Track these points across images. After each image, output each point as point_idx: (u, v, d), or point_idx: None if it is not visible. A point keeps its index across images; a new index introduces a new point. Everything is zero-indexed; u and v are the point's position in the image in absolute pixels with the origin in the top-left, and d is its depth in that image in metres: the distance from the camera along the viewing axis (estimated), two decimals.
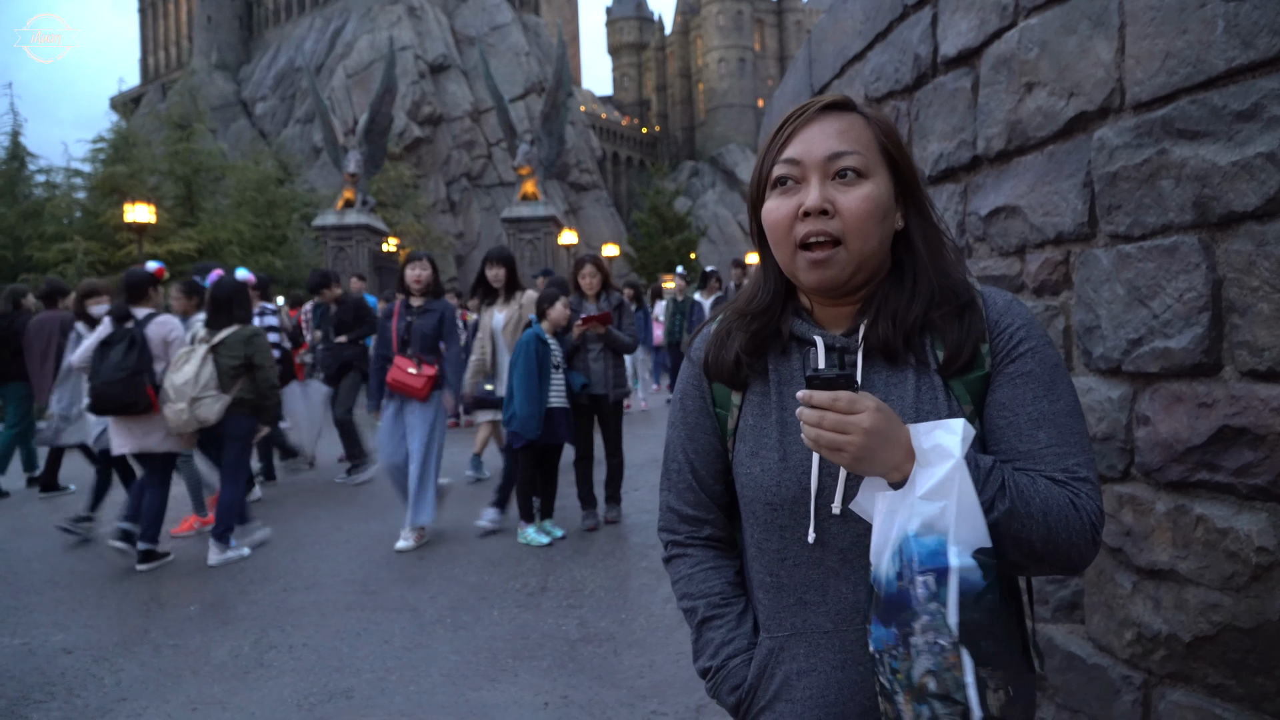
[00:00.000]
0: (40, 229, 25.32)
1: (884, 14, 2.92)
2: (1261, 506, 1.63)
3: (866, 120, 1.17)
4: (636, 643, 3.92)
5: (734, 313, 1.26)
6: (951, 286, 1.16)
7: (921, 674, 0.96)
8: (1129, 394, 1.93)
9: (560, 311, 5.67)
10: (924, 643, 0.96)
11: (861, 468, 1.02)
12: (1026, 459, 1.09)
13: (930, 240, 1.18)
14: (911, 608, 0.97)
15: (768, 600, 1.21)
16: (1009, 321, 1.14)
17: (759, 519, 1.19)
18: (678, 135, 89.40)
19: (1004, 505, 1.02)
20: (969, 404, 1.13)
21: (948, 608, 0.95)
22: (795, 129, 1.16)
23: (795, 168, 1.14)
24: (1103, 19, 1.93)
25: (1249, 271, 1.61)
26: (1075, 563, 1.07)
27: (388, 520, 6.36)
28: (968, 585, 0.95)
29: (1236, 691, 1.69)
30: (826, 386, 1.01)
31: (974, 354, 1.13)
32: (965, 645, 0.95)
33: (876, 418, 0.99)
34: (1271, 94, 1.55)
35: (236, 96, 63.94)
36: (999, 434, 1.12)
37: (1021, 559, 1.05)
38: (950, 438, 1.00)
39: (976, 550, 0.97)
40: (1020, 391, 1.11)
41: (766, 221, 1.17)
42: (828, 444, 1.00)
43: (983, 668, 0.95)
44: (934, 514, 0.98)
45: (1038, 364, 1.12)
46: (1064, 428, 1.10)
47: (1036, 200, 2.18)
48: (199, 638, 4.14)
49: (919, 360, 1.14)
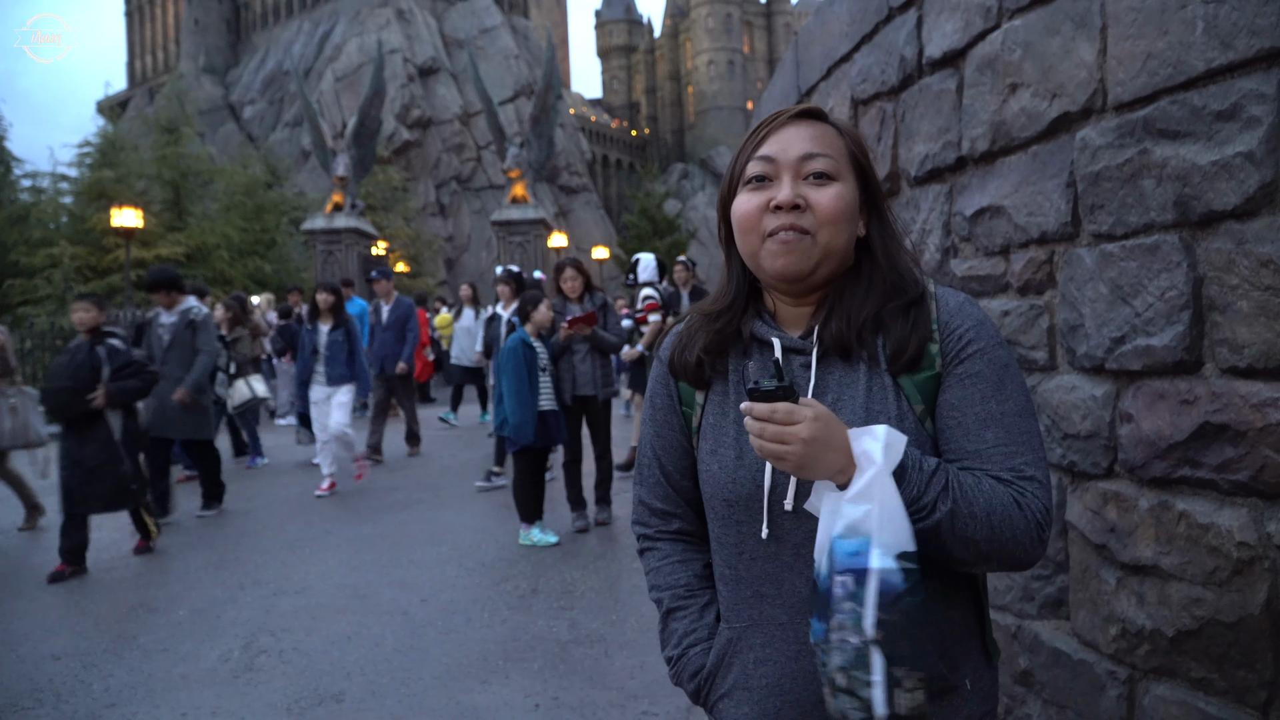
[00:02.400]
0: (26, 234, 25.15)
1: (870, 16, 2.93)
2: (1242, 502, 1.65)
3: (839, 130, 1.22)
4: (628, 644, 3.92)
5: (699, 313, 1.30)
6: (902, 285, 1.19)
7: (835, 669, 1.00)
8: (1112, 392, 1.94)
9: (544, 314, 5.67)
10: (838, 640, 1.00)
11: (805, 473, 1.05)
12: (974, 459, 1.12)
13: (889, 246, 1.22)
14: (831, 606, 1.00)
15: (728, 592, 1.24)
16: (959, 323, 1.17)
17: (718, 514, 1.23)
18: (667, 138, 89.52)
19: (946, 506, 1.05)
20: (920, 404, 1.15)
21: (864, 608, 0.98)
22: (770, 131, 1.21)
23: (769, 165, 1.18)
24: (1085, 20, 1.95)
25: (1229, 270, 1.63)
26: (1022, 560, 1.10)
27: (379, 524, 6.36)
28: (887, 587, 0.98)
29: (1219, 685, 1.71)
30: (765, 398, 1.04)
31: (920, 351, 1.15)
32: (881, 645, 0.97)
33: (814, 427, 1.02)
34: (1250, 94, 1.57)
35: (224, 100, 63.73)
36: (948, 434, 1.14)
37: (968, 557, 1.08)
38: (874, 444, 1.03)
39: (899, 554, 1.00)
40: (968, 392, 1.14)
41: (736, 214, 1.21)
42: (770, 454, 1.04)
43: (898, 667, 0.98)
44: (858, 517, 1.01)
45: (986, 365, 1.15)
46: (1011, 427, 1.13)
47: (1021, 200, 2.19)
48: (189, 643, 4.12)
49: (870, 358, 1.17)
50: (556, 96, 24.21)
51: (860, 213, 1.21)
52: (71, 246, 23.72)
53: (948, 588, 1.15)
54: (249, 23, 70.27)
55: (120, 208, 18.81)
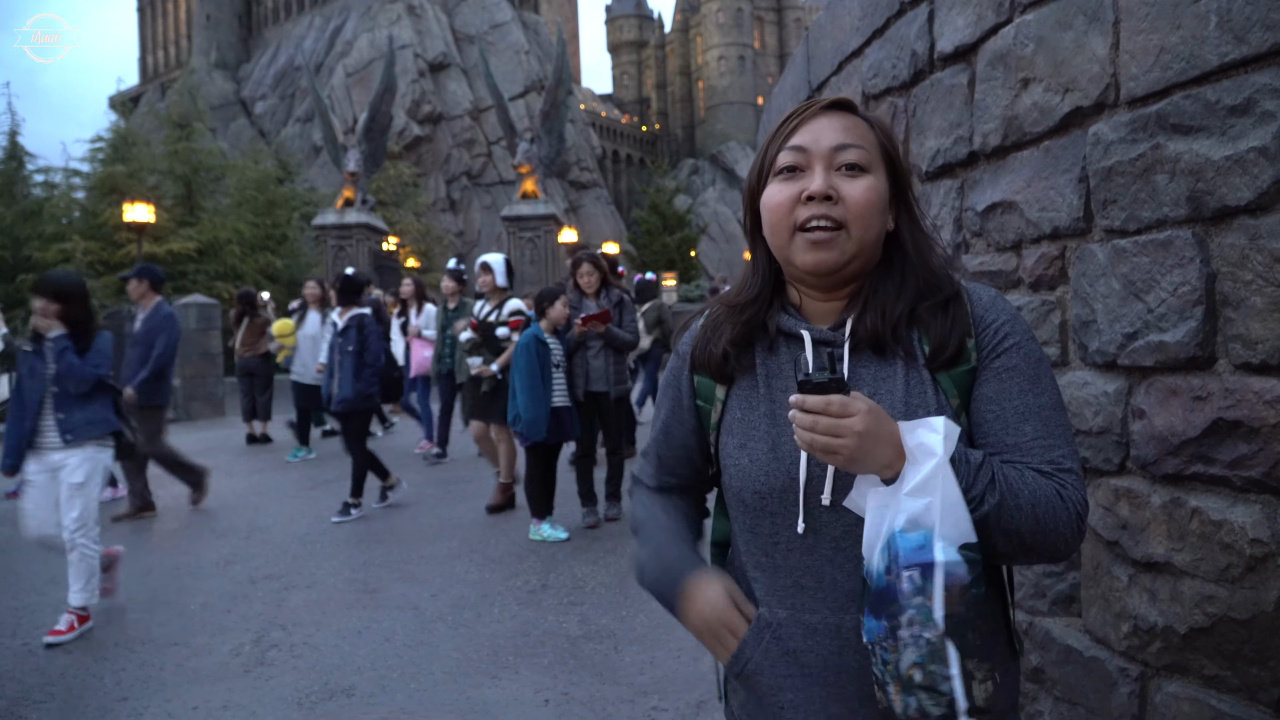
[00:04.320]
0: (39, 229, 25.34)
1: (881, 10, 2.92)
2: (1256, 499, 1.64)
3: (870, 123, 1.21)
4: (638, 639, 3.93)
5: (723, 305, 1.28)
6: (936, 282, 1.19)
7: (908, 666, 0.98)
8: (1125, 388, 1.93)
9: (559, 311, 5.67)
10: (910, 635, 0.98)
11: (855, 468, 1.04)
12: (1013, 451, 1.12)
13: (919, 241, 1.22)
14: (898, 602, 0.99)
15: (764, 579, 1.21)
16: (994, 317, 1.17)
17: (749, 505, 1.20)
18: (678, 133, 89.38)
19: (994, 499, 1.04)
20: (956, 397, 1.15)
21: (933, 602, 0.97)
22: (801, 121, 1.19)
23: (801, 155, 1.17)
24: (1098, 14, 1.93)
25: (1242, 265, 1.62)
26: (1062, 552, 1.10)
27: (389, 519, 6.38)
28: (953, 579, 0.97)
29: (1232, 682, 1.70)
30: (818, 390, 1.02)
31: (960, 347, 1.15)
32: (951, 638, 0.97)
33: (869, 420, 1.02)
34: (1264, 89, 1.56)
35: (236, 95, 63.92)
36: (986, 427, 1.14)
37: (1011, 549, 1.08)
38: (933, 436, 1.02)
39: (962, 545, 0.99)
40: (1006, 386, 1.14)
41: (766, 206, 1.20)
42: (822, 447, 1.03)
43: (969, 660, 0.97)
44: (919, 510, 1.00)
45: (1022, 359, 1.15)
46: (1049, 420, 1.13)
47: (1033, 196, 2.18)
48: (200, 637, 4.15)
49: (907, 353, 1.16)
50: (567, 92, 24.21)
51: (890, 207, 1.20)
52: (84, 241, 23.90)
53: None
54: (260, 18, 70.46)
55: (132, 203, 18.94)
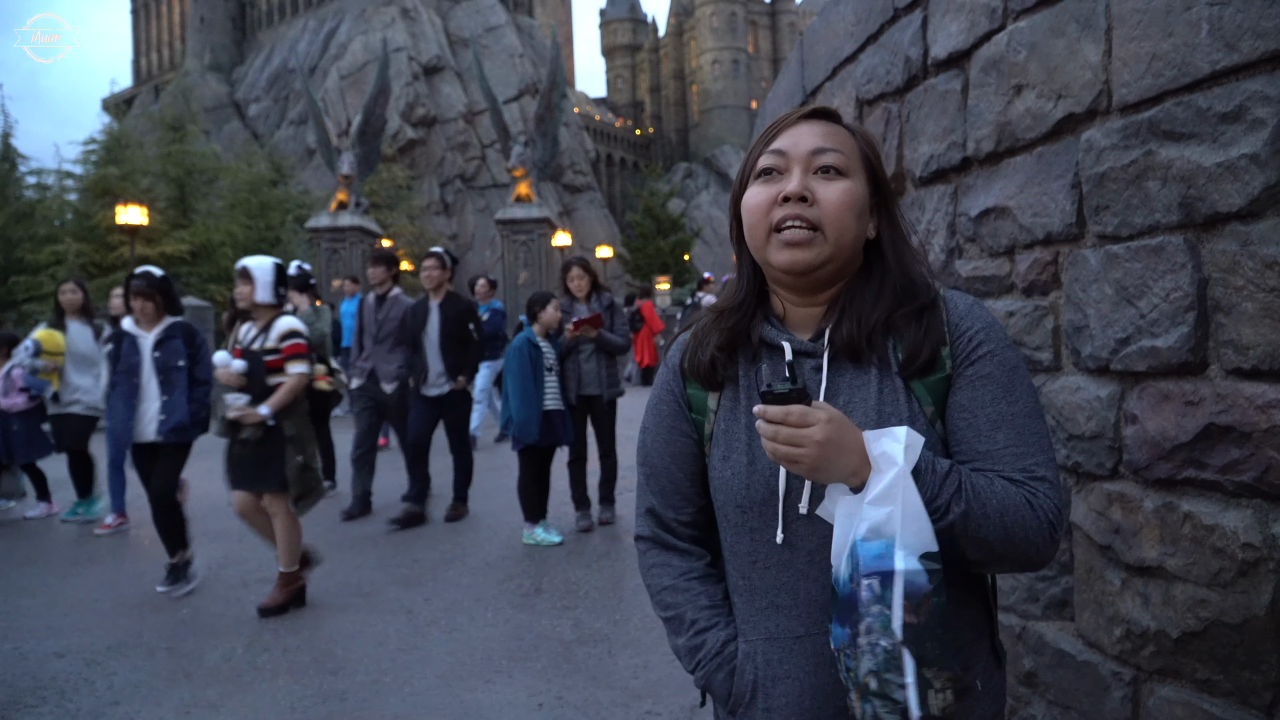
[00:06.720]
0: (32, 231, 25.27)
1: (875, 16, 2.93)
2: (1247, 503, 1.65)
3: (851, 131, 1.23)
4: (631, 643, 3.92)
5: (711, 313, 1.29)
6: (915, 290, 1.19)
7: (865, 673, 1.00)
8: (1117, 392, 1.94)
9: (551, 314, 5.69)
10: (867, 643, 0.99)
11: (819, 476, 1.05)
12: (986, 459, 1.12)
13: (900, 249, 1.23)
14: (858, 610, 1.00)
15: (741, 603, 1.23)
16: (969, 325, 1.17)
17: (731, 521, 1.22)
18: (672, 137, 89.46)
19: (960, 507, 1.05)
20: (930, 405, 1.16)
21: (892, 610, 0.98)
22: (783, 128, 1.22)
23: (780, 158, 1.19)
24: (1090, 21, 1.94)
25: (1234, 271, 1.63)
26: (1034, 560, 1.11)
27: (382, 523, 6.36)
28: (913, 588, 0.98)
29: (1224, 686, 1.70)
30: (779, 401, 1.04)
31: (934, 355, 1.15)
32: (908, 647, 0.97)
33: (829, 429, 1.02)
34: (1255, 96, 1.57)
35: (230, 98, 63.84)
36: (959, 435, 1.15)
37: (981, 557, 1.09)
38: (895, 445, 1.03)
39: (922, 554, 1.00)
40: (979, 394, 1.14)
41: (745, 207, 1.21)
42: (784, 456, 1.04)
43: (928, 669, 0.98)
44: (880, 519, 1.01)
45: (996, 367, 1.15)
46: (1022, 429, 1.13)
47: (1026, 201, 2.19)
48: (192, 641, 4.13)
49: (881, 361, 1.17)
50: (561, 95, 24.21)
51: (871, 215, 1.22)
52: (76, 243, 23.85)
53: (960, 588, 1.15)
54: (254, 20, 70.35)
55: (125, 205, 18.91)
